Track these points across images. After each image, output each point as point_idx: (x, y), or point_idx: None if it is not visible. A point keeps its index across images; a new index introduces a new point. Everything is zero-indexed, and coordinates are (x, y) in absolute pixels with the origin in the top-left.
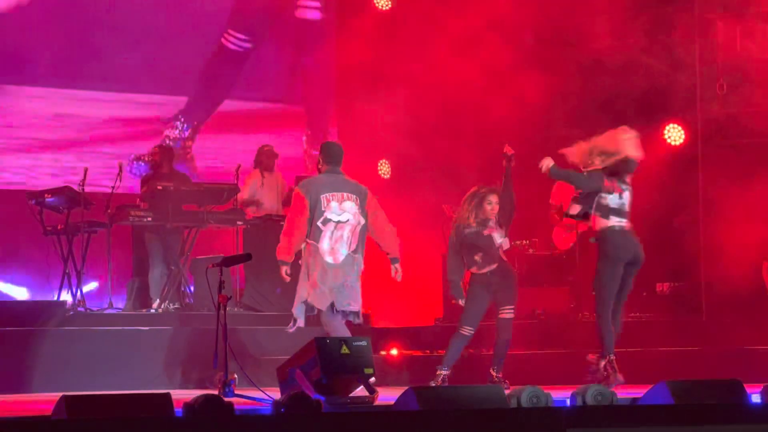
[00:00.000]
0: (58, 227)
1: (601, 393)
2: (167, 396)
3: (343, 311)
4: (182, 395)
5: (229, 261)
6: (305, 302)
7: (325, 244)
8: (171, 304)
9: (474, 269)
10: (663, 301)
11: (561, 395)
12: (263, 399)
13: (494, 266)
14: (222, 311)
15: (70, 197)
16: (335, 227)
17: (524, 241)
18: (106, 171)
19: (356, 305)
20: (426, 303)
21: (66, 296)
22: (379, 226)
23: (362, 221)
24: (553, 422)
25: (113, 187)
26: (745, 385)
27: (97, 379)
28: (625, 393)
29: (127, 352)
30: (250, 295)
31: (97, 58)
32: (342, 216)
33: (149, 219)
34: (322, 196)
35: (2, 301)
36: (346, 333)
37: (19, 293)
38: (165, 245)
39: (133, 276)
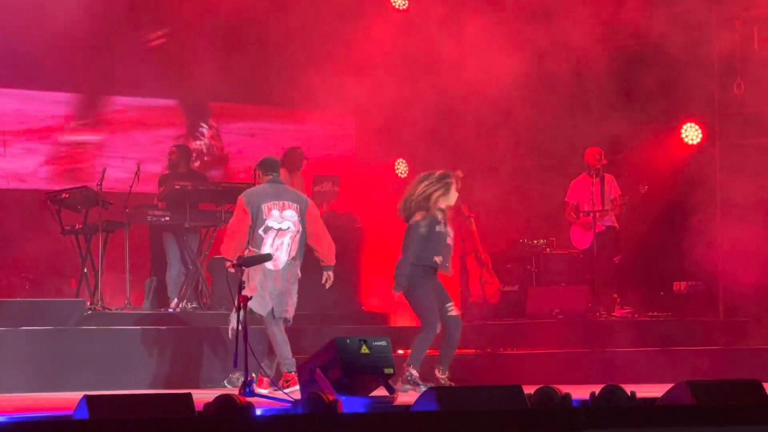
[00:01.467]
0: (76, 226)
1: (619, 393)
2: (188, 396)
3: (282, 317)
4: (202, 395)
5: (248, 261)
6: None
7: (266, 252)
8: (189, 304)
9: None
10: (680, 300)
11: (579, 395)
12: (283, 399)
13: None
14: (242, 311)
15: (88, 197)
16: (276, 235)
17: (541, 241)
18: (125, 172)
19: (292, 311)
20: None
21: (84, 295)
22: (317, 234)
23: (301, 229)
24: (571, 423)
25: (131, 187)
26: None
27: (116, 378)
28: (644, 393)
29: (146, 352)
30: None
31: (114, 64)
32: (283, 224)
33: (167, 218)
34: (263, 205)
35: (21, 301)
36: (284, 338)
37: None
38: (182, 244)
39: (150, 275)
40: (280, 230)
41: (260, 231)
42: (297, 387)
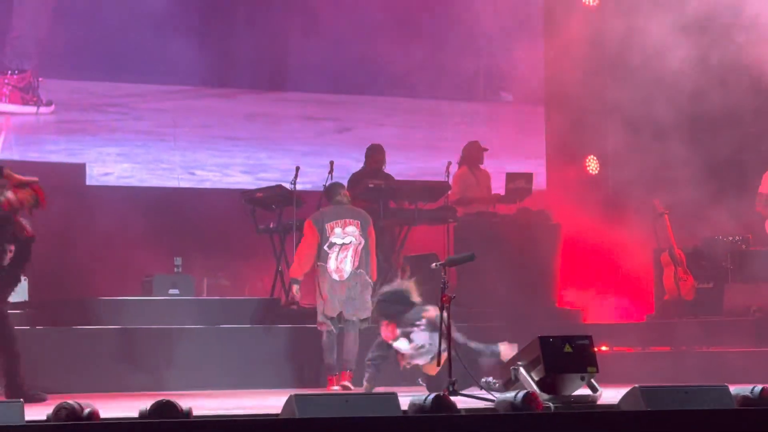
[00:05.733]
0: (270, 225)
1: None
2: (393, 395)
3: (350, 320)
4: (404, 394)
5: (453, 261)
6: (323, 312)
7: (331, 264)
8: None
9: None
10: None
11: None
12: (487, 398)
13: None
14: (446, 312)
15: (282, 195)
16: (340, 249)
17: (737, 237)
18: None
19: (361, 314)
20: (637, 299)
21: (279, 293)
22: (370, 250)
23: (363, 242)
24: None
25: (324, 185)
26: None
27: (313, 377)
28: None
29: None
30: (460, 292)
31: (286, 61)
32: (345, 239)
33: None
34: (326, 225)
35: (218, 299)
36: (355, 339)
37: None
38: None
39: None
40: (343, 245)
41: (325, 247)
42: (334, 388)
